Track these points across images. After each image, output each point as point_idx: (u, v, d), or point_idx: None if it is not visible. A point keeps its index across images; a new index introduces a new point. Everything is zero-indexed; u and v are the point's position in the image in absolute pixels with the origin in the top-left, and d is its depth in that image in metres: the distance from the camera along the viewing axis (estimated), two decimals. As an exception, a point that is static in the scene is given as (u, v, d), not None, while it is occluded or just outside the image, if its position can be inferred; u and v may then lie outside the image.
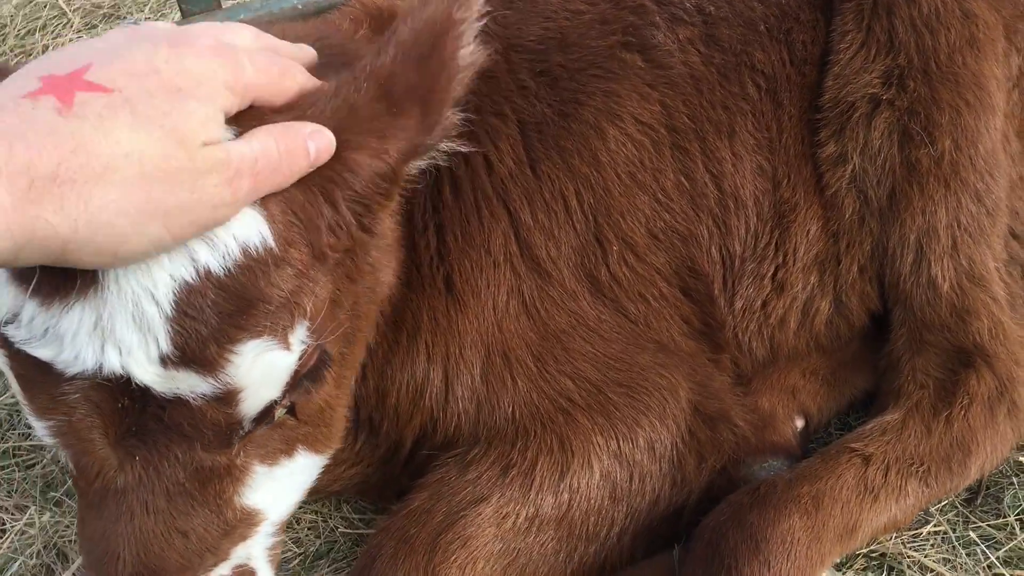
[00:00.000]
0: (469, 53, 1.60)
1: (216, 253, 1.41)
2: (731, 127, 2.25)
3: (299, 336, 1.52)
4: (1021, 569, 2.14)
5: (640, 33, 2.25)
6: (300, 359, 1.54)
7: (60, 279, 1.38)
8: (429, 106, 1.58)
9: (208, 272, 1.41)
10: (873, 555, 2.20)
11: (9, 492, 2.55)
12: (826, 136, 2.25)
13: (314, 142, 1.45)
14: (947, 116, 2.15)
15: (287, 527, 2.38)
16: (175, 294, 1.40)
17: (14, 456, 2.64)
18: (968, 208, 2.18)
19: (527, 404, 2.04)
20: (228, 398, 1.48)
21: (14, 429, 2.70)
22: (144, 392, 1.44)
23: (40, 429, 1.50)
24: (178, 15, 2.89)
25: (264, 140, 1.40)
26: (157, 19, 4.09)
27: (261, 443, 1.64)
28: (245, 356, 1.45)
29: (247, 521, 1.65)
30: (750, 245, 2.27)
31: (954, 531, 2.23)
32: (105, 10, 4.16)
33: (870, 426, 2.19)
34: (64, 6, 4.16)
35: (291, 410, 1.65)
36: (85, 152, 1.21)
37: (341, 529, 2.37)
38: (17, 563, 2.33)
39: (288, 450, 1.69)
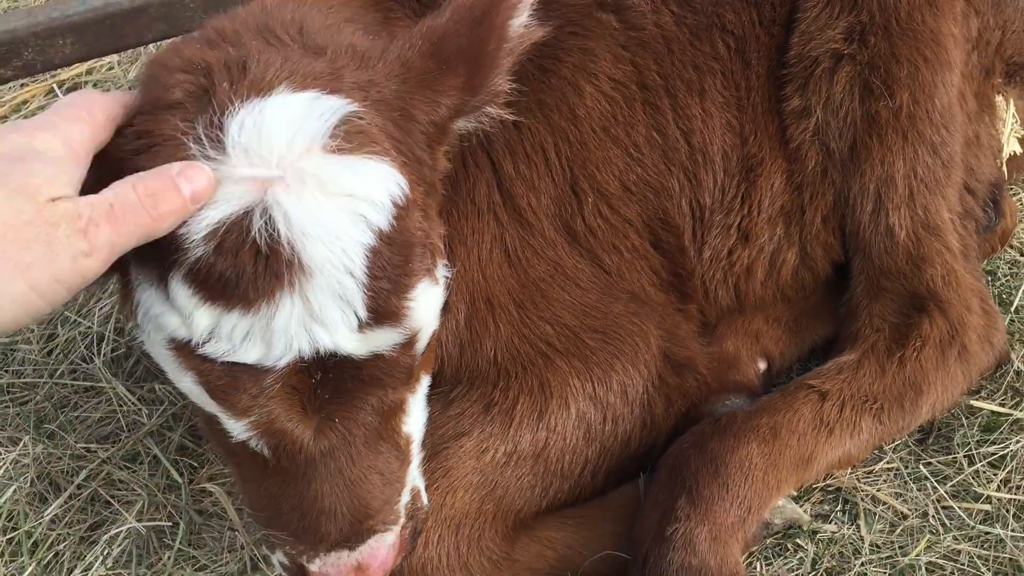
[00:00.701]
0: (521, 24, 1.70)
1: (380, 210, 1.49)
2: (701, 85, 2.35)
3: (440, 270, 1.63)
4: (968, 501, 2.27)
5: None
6: (444, 290, 1.66)
7: (264, 279, 1.44)
8: (476, 68, 1.68)
9: (380, 231, 1.49)
10: (829, 488, 2.33)
11: (3, 426, 2.63)
12: (791, 91, 2.36)
13: (187, 179, 1.43)
14: (905, 70, 2.26)
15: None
16: (365, 259, 1.48)
17: (8, 392, 2.72)
18: (924, 159, 2.29)
19: (508, 348, 2.15)
20: (411, 341, 1.58)
21: (7, 367, 2.79)
22: (341, 360, 1.51)
23: (237, 428, 1.56)
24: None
25: (121, 187, 1.44)
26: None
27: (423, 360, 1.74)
28: (418, 299, 1.55)
29: (409, 447, 1.74)
30: (718, 198, 2.38)
31: (906, 467, 2.36)
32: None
33: (828, 365, 2.32)
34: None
35: None
36: None
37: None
38: (11, 489, 2.42)
39: (420, 374, 1.77)
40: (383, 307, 1.50)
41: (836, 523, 2.26)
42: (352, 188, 1.48)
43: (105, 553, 2.27)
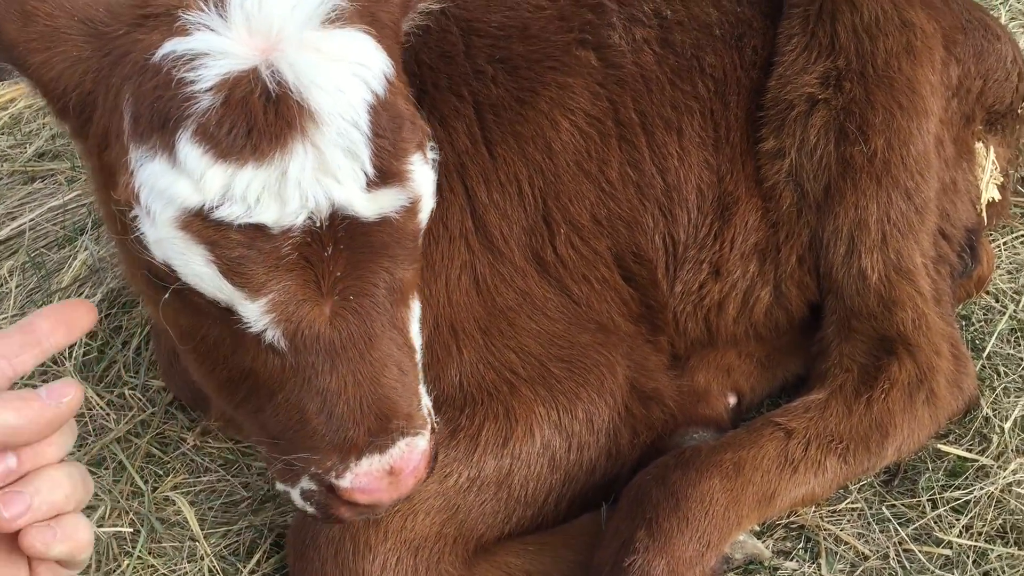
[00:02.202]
0: None
1: (375, 76, 1.54)
2: (680, 124, 2.38)
3: (429, 153, 1.65)
4: (929, 545, 2.28)
5: (597, 32, 2.38)
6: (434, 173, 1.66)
7: (275, 127, 1.45)
8: None
9: (377, 96, 1.53)
10: (792, 526, 2.34)
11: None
12: (767, 132, 2.39)
13: (50, 393, 1.28)
14: (880, 117, 2.29)
15: (238, 472, 2.50)
16: (368, 115, 1.51)
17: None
18: (898, 204, 2.32)
19: (474, 374, 2.16)
20: (414, 207, 1.59)
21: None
22: (352, 225, 1.51)
23: (255, 312, 1.51)
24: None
25: None
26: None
27: (414, 273, 1.71)
28: (415, 166, 1.57)
29: (416, 355, 1.71)
30: (692, 233, 2.40)
31: (870, 508, 2.37)
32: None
33: (795, 404, 2.33)
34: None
35: None
36: None
37: (292, 477, 2.47)
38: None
39: (414, 288, 1.74)
40: (387, 166, 1.52)
41: (797, 560, 2.27)
42: (349, 54, 1.53)
43: (65, 559, 2.26)
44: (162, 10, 1.54)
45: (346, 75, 1.52)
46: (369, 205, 1.52)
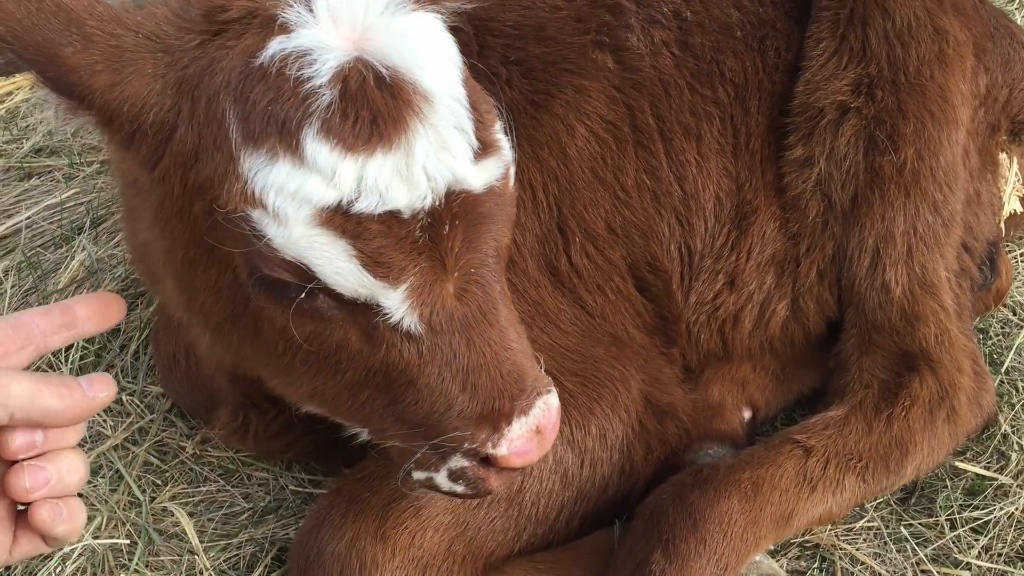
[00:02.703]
0: None
1: (457, 57, 1.58)
2: (698, 130, 2.32)
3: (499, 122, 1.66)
4: (947, 567, 2.23)
5: (614, 33, 2.32)
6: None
7: (397, 111, 1.46)
8: None
9: (462, 71, 1.58)
10: (807, 545, 2.28)
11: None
12: (794, 140, 2.31)
13: (89, 386, 1.35)
14: (912, 126, 2.22)
15: (238, 483, 2.43)
16: (464, 90, 1.54)
17: None
18: (925, 217, 2.26)
19: None
20: (508, 173, 1.62)
21: None
22: (465, 198, 1.52)
23: (396, 300, 1.51)
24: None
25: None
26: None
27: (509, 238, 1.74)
28: (501, 135, 1.62)
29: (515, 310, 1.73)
30: (709, 243, 2.34)
31: (887, 527, 2.31)
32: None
33: (814, 420, 2.27)
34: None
35: None
36: None
37: (291, 487, 2.41)
38: None
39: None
40: (484, 137, 1.56)
41: (812, 581, 2.21)
42: (433, 36, 1.56)
43: (58, 570, 2.19)
44: (243, 14, 1.51)
45: (438, 55, 1.55)
46: (479, 176, 1.54)
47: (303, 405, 1.80)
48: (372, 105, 1.45)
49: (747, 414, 2.46)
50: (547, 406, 1.61)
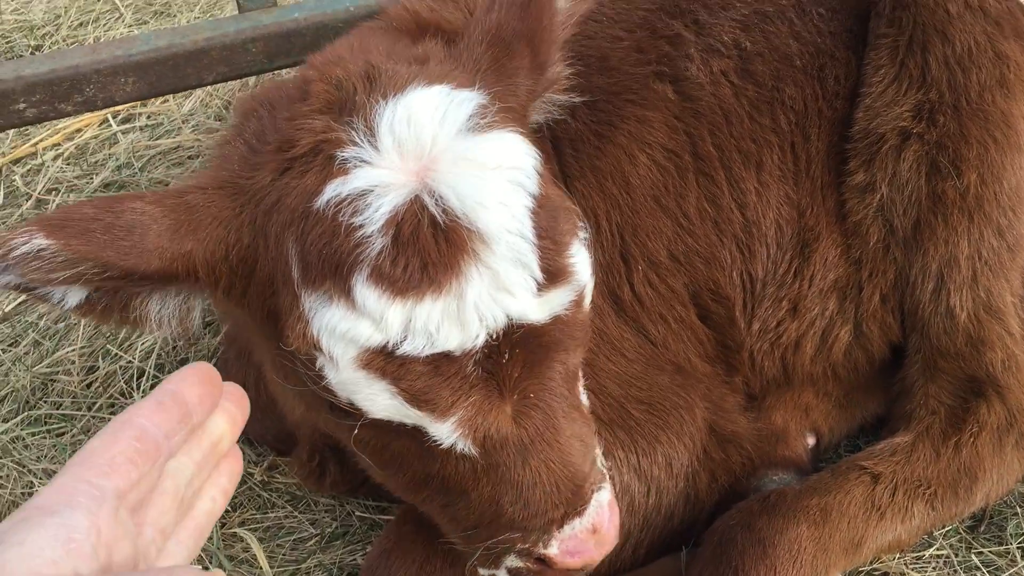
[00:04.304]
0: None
1: (530, 177, 1.54)
2: (759, 158, 2.32)
3: (581, 231, 1.65)
4: (1019, 596, 2.20)
5: (674, 64, 2.33)
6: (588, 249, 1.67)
7: (449, 255, 1.45)
8: (537, 45, 1.73)
9: (534, 195, 1.53)
10: (876, 573, 2.26)
11: (38, 457, 2.62)
12: (855, 165, 2.31)
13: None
14: (975, 151, 2.22)
15: (305, 508, 2.46)
16: (531, 221, 1.51)
17: (45, 424, 2.72)
18: (990, 241, 2.24)
19: None
20: (580, 299, 1.59)
21: (46, 398, 2.78)
22: (526, 331, 1.51)
23: (445, 431, 1.52)
24: (230, 11, 2.99)
25: None
26: (209, 17, 4.20)
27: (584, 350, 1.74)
28: (577, 256, 1.58)
29: (591, 422, 1.74)
30: (771, 270, 2.34)
31: (956, 555, 2.29)
32: (156, 7, 4.28)
33: (881, 446, 2.25)
34: (117, 1, 4.28)
35: None
36: None
37: (357, 513, 2.44)
38: (45, 524, 2.39)
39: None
40: (553, 266, 1.52)
41: (881, 610, 2.19)
42: (503, 159, 1.52)
43: (133, 597, 2.24)
44: (307, 149, 1.53)
45: (505, 185, 1.51)
46: (541, 309, 1.52)
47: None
48: (424, 251, 1.44)
49: (811, 440, 2.45)
50: (599, 505, 1.63)
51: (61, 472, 1.00)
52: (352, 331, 1.46)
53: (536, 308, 1.51)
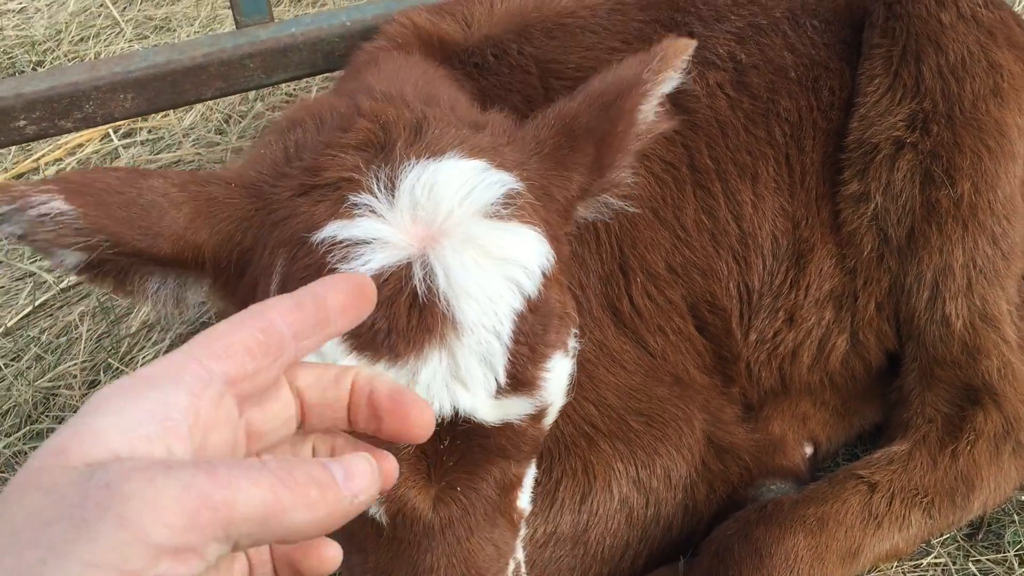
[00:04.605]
0: (651, 110, 1.71)
1: (532, 277, 1.48)
2: (755, 170, 2.34)
3: (572, 342, 1.59)
4: (1018, 604, 2.20)
5: None
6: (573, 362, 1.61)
7: (416, 332, 1.40)
8: (605, 148, 1.68)
9: (529, 298, 1.47)
10: (874, 582, 2.26)
11: (41, 471, 2.63)
12: (850, 175, 2.33)
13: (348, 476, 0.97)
14: (968, 160, 2.23)
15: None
16: (513, 323, 1.44)
17: (47, 438, 2.72)
18: (984, 250, 2.25)
19: (552, 428, 2.12)
20: (541, 414, 1.53)
21: (48, 412, 2.80)
22: (473, 426, 1.46)
23: None
24: (230, 25, 3.01)
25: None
26: (209, 31, 4.22)
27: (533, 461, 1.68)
28: (553, 371, 1.51)
29: (520, 520, 1.68)
30: (767, 281, 2.35)
31: (954, 563, 2.29)
32: (157, 22, 4.30)
33: (877, 455, 2.26)
34: (117, 16, 4.30)
35: None
36: None
37: None
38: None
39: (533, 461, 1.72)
40: (521, 374, 1.46)
41: (881, 619, 2.20)
42: (510, 253, 1.46)
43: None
44: (331, 181, 1.51)
45: (500, 280, 1.45)
46: (493, 412, 1.47)
47: None
48: (393, 319, 1.40)
49: (809, 450, 2.46)
50: None
51: (178, 349, 0.97)
52: None
53: (488, 409, 1.45)
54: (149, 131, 3.72)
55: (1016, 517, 2.36)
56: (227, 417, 0.96)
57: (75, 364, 2.86)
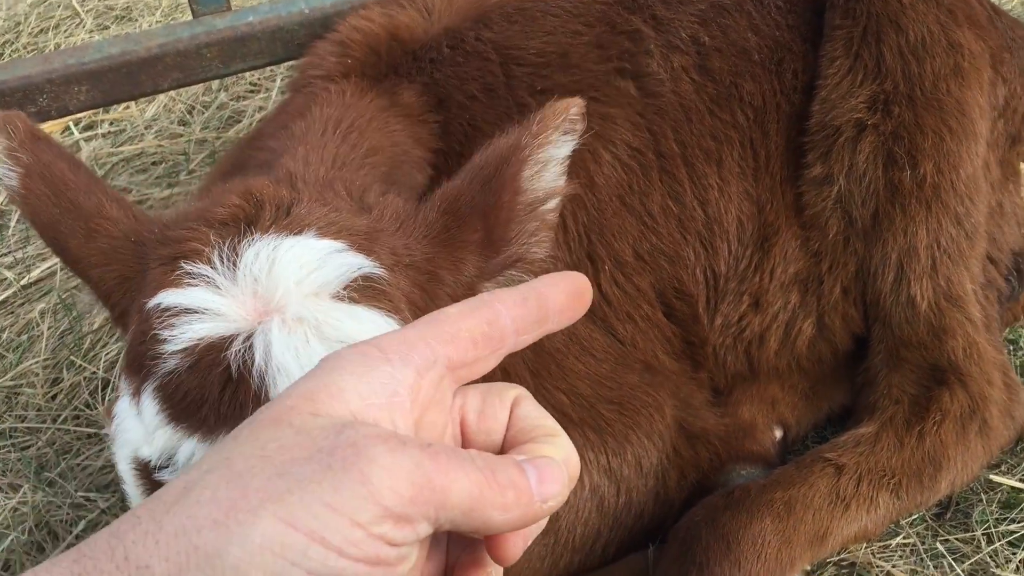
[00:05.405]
0: (541, 176, 1.64)
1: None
2: (719, 155, 2.32)
3: None
4: (986, 582, 2.21)
5: (635, 60, 2.32)
6: None
7: (227, 407, 1.36)
8: (492, 222, 1.62)
9: None
10: (843, 563, 2.26)
11: (4, 471, 2.60)
12: (813, 158, 2.32)
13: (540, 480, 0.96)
14: (930, 141, 2.22)
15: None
16: None
17: (10, 437, 2.69)
18: (948, 230, 2.25)
19: None
20: None
21: (11, 411, 2.76)
22: None
23: None
24: (187, 15, 2.97)
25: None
26: (171, 20, 4.16)
27: None
28: None
29: None
30: (733, 266, 2.34)
31: (923, 543, 2.30)
32: (117, 12, 4.24)
33: (844, 438, 2.26)
34: (77, 7, 4.24)
35: None
36: None
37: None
38: (9, 538, 2.38)
39: None
40: None
41: (850, 600, 2.20)
42: (347, 336, 1.39)
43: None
44: (186, 251, 1.48)
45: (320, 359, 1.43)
46: None
47: None
48: (206, 393, 1.36)
49: (778, 433, 2.46)
50: None
51: (412, 324, 1.00)
52: (132, 432, 1.45)
53: None
54: (111, 123, 3.67)
55: (984, 496, 2.37)
56: (441, 399, 1.00)
57: (37, 362, 2.82)
